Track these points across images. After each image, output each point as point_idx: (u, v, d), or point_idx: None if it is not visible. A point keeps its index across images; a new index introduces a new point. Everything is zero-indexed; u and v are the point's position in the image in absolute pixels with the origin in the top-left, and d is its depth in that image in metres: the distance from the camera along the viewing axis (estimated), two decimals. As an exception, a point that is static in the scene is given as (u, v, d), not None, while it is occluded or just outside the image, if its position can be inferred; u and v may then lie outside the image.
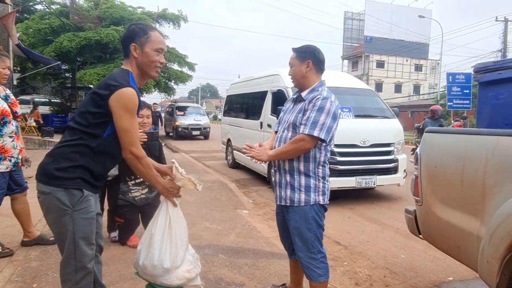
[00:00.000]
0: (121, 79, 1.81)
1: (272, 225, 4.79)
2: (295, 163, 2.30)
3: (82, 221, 1.81)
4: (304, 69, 2.34)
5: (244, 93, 8.80)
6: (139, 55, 1.89)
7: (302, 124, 2.22)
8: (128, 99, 1.78)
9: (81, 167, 1.81)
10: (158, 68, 1.95)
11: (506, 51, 26.94)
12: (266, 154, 2.30)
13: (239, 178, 8.09)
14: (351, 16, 47.84)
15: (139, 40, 1.88)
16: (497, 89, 2.38)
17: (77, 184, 1.80)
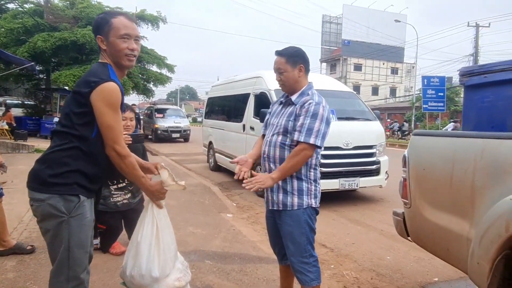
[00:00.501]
0: (101, 74, 1.73)
1: (257, 229, 4.75)
2: None
3: (78, 228, 1.74)
4: (297, 74, 2.29)
5: (226, 95, 8.74)
6: (107, 47, 1.79)
7: (297, 131, 2.17)
8: (109, 94, 1.70)
9: (76, 171, 1.73)
10: (129, 56, 1.82)
11: (478, 56, 27.91)
12: (270, 179, 2.17)
13: (221, 181, 8.02)
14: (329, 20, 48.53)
15: (103, 30, 1.78)
16: (483, 93, 2.43)
17: (73, 190, 1.72)
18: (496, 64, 2.35)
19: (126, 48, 1.79)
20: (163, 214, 2.03)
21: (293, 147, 2.25)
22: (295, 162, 2.17)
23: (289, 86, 2.33)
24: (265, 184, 2.15)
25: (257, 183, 2.14)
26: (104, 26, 1.80)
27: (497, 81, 2.32)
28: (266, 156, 2.36)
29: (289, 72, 2.29)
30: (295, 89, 2.33)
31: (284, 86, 2.35)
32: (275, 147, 2.30)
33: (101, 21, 1.81)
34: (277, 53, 2.36)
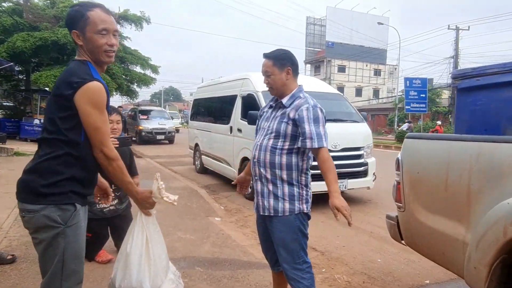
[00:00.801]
0: (83, 73, 1.63)
1: (246, 232, 4.69)
2: (277, 172, 2.22)
3: (73, 238, 1.66)
4: (284, 77, 2.26)
5: (212, 97, 8.65)
6: (84, 42, 1.68)
7: (308, 139, 2.12)
8: (94, 93, 1.61)
9: (70, 179, 1.64)
10: (109, 52, 1.71)
11: (458, 58, 28.52)
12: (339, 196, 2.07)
13: (208, 184, 7.92)
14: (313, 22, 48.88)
15: (78, 25, 1.67)
16: (476, 96, 2.43)
17: (68, 199, 1.64)
18: (488, 67, 2.35)
19: (105, 43, 1.70)
20: (152, 223, 1.94)
21: (284, 151, 2.20)
22: (333, 166, 2.13)
23: (277, 89, 2.29)
24: (344, 203, 2.05)
25: (346, 210, 2.04)
26: (79, 20, 1.68)
27: (490, 84, 2.32)
28: (256, 160, 2.30)
29: (277, 75, 2.26)
30: (283, 92, 2.29)
31: (272, 89, 2.32)
32: (266, 151, 2.25)
33: (76, 15, 1.69)
34: (265, 55, 2.32)
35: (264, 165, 2.25)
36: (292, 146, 2.20)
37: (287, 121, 2.20)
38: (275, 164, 2.21)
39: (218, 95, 8.25)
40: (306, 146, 2.14)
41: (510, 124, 2.25)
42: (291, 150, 2.20)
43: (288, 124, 2.20)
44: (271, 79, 2.28)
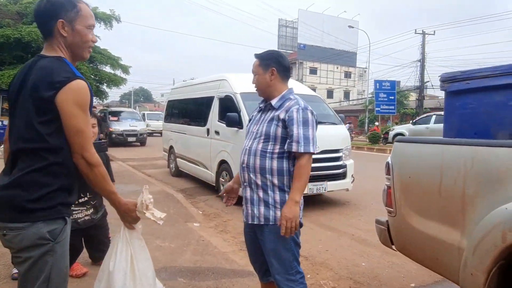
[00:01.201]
0: (63, 71, 1.49)
1: (226, 238, 4.56)
2: (268, 177, 2.11)
3: (61, 255, 1.52)
4: (268, 77, 2.18)
5: (188, 98, 8.44)
6: (69, 34, 1.55)
7: (294, 142, 2.03)
8: (79, 93, 1.48)
9: (59, 190, 1.49)
10: (91, 48, 1.66)
11: (425, 61, 29.49)
12: (293, 205, 1.99)
13: (184, 188, 7.71)
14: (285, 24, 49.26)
15: (67, 14, 1.53)
16: (465, 99, 2.42)
17: (58, 212, 1.49)
18: (478, 71, 2.35)
19: (91, 39, 1.62)
20: (137, 238, 1.79)
21: (275, 155, 2.10)
22: (307, 175, 2.05)
23: (261, 89, 2.24)
24: (296, 214, 1.99)
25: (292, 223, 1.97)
26: (69, 10, 1.54)
27: (480, 87, 2.32)
28: (245, 165, 2.19)
29: (261, 75, 2.20)
30: (269, 94, 2.22)
31: (257, 89, 2.27)
32: (255, 155, 2.14)
33: (66, 4, 1.55)
34: (254, 55, 2.28)
35: (254, 170, 2.14)
36: (283, 150, 2.10)
37: (277, 123, 2.11)
38: (266, 169, 2.11)
39: (194, 96, 8.05)
40: (291, 149, 2.05)
41: (501, 128, 2.25)
42: (282, 154, 2.11)
43: (278, 126, 2.10)
44: (256, 79, 2.24)
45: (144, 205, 1.69)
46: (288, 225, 1.97)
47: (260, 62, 2.20)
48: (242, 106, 5.94)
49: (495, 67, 2.27)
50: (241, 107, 5.94)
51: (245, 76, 7.24)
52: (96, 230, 3.14)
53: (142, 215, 1.71)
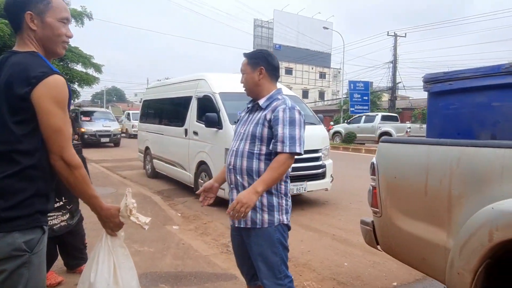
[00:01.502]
0: (39, 66, 1.39)
1: (207, 241, 4.48)
2: (256, 178, 2.04)
3: (39, 266, 1.40)
4: (256, 76, 2.13)
5: (165, 98, 8.26)
6: (39, 27, 1.45)
7: (279, 142, 1.97)
8: (57, 89, 1.39)
9: (36, 195, 1.38)
10: (65, 43, 1.54)
11: (397, 63, 30.25)
12: (253, 194, 1.89)
13: (161, 189, 7.54)
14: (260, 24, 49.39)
15: (36, 7, 1.44)
16: (448, 100, 2.45)
17: (35, 221, 1.37)
18: (461, 72, 2.38)
19: (64, 34, 1.50)
20: (120, 246, 1.68)
21: (262, 156, 2.05)
22: (280, 173, 1.97)
23: (249, 89, 2.19)
24: (251, 203, 1.88)
25: (242, 207, 1.85)
26: (40, 2, 1.45)
27: (462, 88, 2.35)
28: (232, 167, 2.13)
29: (249, 74, 2.15)
30: (257, 93, 2.17)
31: (245, 88, 2.21)
32: (242, 157, 2.08)
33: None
34: (243, 54, 2.22)
35: (241, 172, 2.08)
36: (270, 151, 2.05)
37: (263, 123, 2.06)
38: (253, 170, 2.05)
39: (171, 96, 7.89)
40: (276, 150, 1.99)
41: (483, 128, 2.29)
42: (269, 155, 2.06)
43: (265, 126, 2.05)
44: (244, 78, 2.19)
45: (128, 209, 1.60)
46: (237, 208, 1.86)
47: (248, 61, 2.15)
48: (221, 106, 5.86)
49: (477, 68, 2.30)
50: (221, 107, 5.85)
51: (224, 76, 7.17)
52: (72, 236, 3.00)
53: (126, 220, 1.62)
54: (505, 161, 1.82)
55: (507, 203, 1.77)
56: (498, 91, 2.19)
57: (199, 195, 2.32)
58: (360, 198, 6.80)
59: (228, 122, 5.65)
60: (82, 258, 3.14)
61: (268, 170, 1.97)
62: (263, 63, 2.13)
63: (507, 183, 1.81)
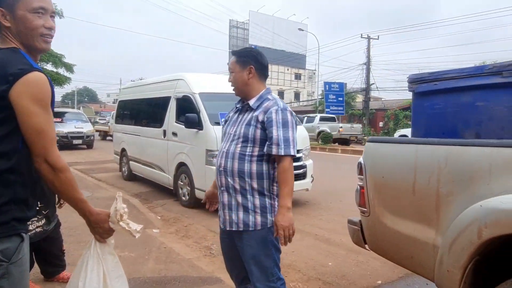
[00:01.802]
0: (18, 63, 1.30)
1: (189, 244, 4.39)
2: (247, 180, 2.02)
3: (19, 276, 1.31)
4: (246, 75, 2.10)
5: (142, 98, 8.07)
6: (12, 23, 1.36)
7: (274, 145, 1.95)
8: (37, 87, 1.30)
9: (11, 202, 1.29)
10: (46, 36, 1.42)
11: (370, 64, 30.91)
12: (287, 212, 1.94)
13: (139, 192, 7.36)
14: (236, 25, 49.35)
15: (5, 1, 1.35)
16: (433, 100, 2.49)
17: (12, 229, 1.28)
18: (445, 72, 2.43)
19: (41, 26, 1.38)
20: (109, 253, 1.61)
21: (254, 158, 2.02)
22: (292, 178, 1.99)
23: (238, 88, 2.15)
24: (291, 221, 1.94)
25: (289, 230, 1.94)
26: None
27: (447, 88, 2.39)
28: (222, 169, 2.08)
29: (237, 73, 2.11)
30: (247, 93, 2.13)
31: (234, 88, 2.17)
32: (233, 158, 2.04)
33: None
34: (232, 52, 2.22)
35: (232, 173, 2.03)
36: (262, 152, 2.02)
37: (255, 124, 2.02)
38: (244, 172, 2.01)
39: (148, 96, 7.72)
40: (271, 152, 1.98)
41: (468, 127, 2.34)
42: (261, 156, 2.03)
43: (257, 127, 2.02)
44: (232, 77, 2.14)
45: (118, 214, 1.53)
46: (286, 234, 1.91)
47: (237, 59, 2.10)
48: (201, 107, 5.77)
49: (461, 69, 2.35)
50: (201, 108, 5.77)
51: (203, 76, 7.08)
52: (49, 243, 2.86)
53: (115, 226, 1.54)
54: (493, 160, 1.86)
55: (495, 200, 1.80)
56: (482, 91, 2.25)
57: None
58: (340, 198, 6.88)
59: (209, 123, 5.58)
60: (60, 265, 3.00)
61: (282, 183, 1.97)
62: (253, 62, 2.09)
63: (495, 181, 1.84)
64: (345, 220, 5.54)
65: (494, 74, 2.17)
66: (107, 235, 1.57)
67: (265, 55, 2.25)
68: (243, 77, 2.09)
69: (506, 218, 1.74)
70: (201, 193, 5.69)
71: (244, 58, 2.11)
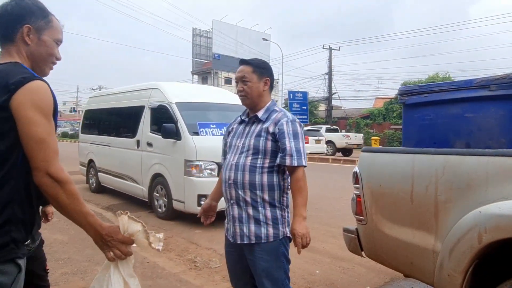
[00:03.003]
0: (19, 73, 1.26)
1: (171, 257, 4.28)
2: (258, 193, 2.01)
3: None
4: (262, 86, 2.10)
5: (111, 107, 7.81)
6: (33, 43, 1.38)
7: (287, 156, 1.97)
8: (39, 94, 1.25)
9: (10, 222, 1.20)
10: (53, 65, 1.49)
11: (332, 74, 31.87)
12: (303, 221, 1.97)
13: (110, 205, 7.07)
14: (199, 33, 49.14)
15: (37, 22, 1.37)
16: (423, 111, 2.62)
17: (10, 253, 1.19)
18: (435, 85, 2.56)
19: (56, 55, 1.46)
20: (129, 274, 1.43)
21: (265, 169, 2.02)
22: (306, 187, 2.01)
23: (252, 98, 2.10)
24: (307, 229, 1.97)
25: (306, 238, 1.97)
26: (40, 18, 1.38)
27: (437, 100, 2.52)
28: (232, 182, 2.05)
29: (255, 83, 2.09)
30: (257, 104, 2.13)
31: (247, 98, 2.11)
32: (244, 170, 2.02)
33: (37, 11, 1.38)
34: (244, 62, 2.13)
35: (243, 186, 2.02)
36: (273, 164, 2.03)
37: (266, 136, 2.03)
38: (256, 184, 2.01)
39: (119, 105, 7.48)
40: (285, 164, 2.00)
41: (458, 137, 2.47)
42: (272, 168, 2.03)
43: (268, 139, 2.03)
44: (247, 86, 2.08)
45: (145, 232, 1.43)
46: (304, 242, 1.94)
47: (254, 70, 2.08)
48: (179, 117, 5.68)
49: (450, 82, 2.49)
50: (178, 118, 5.67)
51: (178, 85, 7.01)
52: (32, 262, 2.62)
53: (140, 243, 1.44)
54: (489, 168, 1.98)
55: (494, 206, 1.92)
56: (471, 103, 2.40)
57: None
58: (315, 205, 6.99)
59: (187, 133, 5.50)
60: (44, 286, 2.80)
61: (296, 193, 1.99)
62: (269, 74, 2.12)
63: (491, 189, 1.96)
64: (324, 227, 5.66)
65: (482, 88, 2.32)
66: (124, 248, 1.40)
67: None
68: (259, 88, 2.09)
69: (505, 223, 1.86)
70: (179, 204, 5.57)
71: (262, 69, 2.10)
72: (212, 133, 5.73)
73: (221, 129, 5.75)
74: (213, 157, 5.27)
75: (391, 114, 29.08)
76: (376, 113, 30.77)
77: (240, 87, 2.11)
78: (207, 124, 5.78)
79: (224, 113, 6.15)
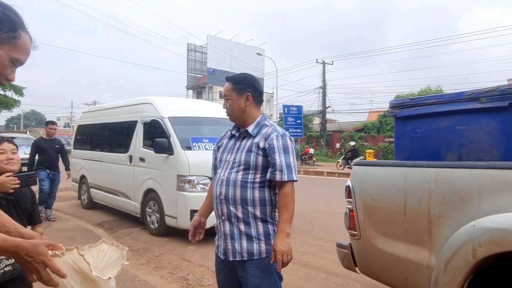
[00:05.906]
0: None
1: (163, 275, 4.19)
2: (250, 208, 1.97)
3: None
4: (243, 103, 2.07)
5: (104, 123, 7.76)
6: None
7: (278, 171, 1.93)
8: None
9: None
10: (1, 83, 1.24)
11: (326, 88, 32.10)
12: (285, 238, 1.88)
13: (102, 221, 6.95)
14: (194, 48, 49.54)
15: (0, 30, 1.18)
16: (415, 124, 2.61)
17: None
18: (426, 98, 2.56)
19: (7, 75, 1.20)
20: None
21: (256, 184, 1.99)
22: (293, 203, 1.95)
23: (234, 115, 2.11)
24: (290, 246, 1.89)
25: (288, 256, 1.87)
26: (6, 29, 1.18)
27: (428, 113, 2.51)
28: (223, 197, 2.01)
29: (235, 100, 2.07)
30: (244, 120, 2.10)
31: (230, 114, 2.13)
32: (235, 186, 1.99)
33: (6, 20, 1.18)
34: (226, 78, 2.14)
35: (234, 202, 1.98)
36: (264, 179, 1.99)
37: (256, 151, 2.00)
38: (247, 200, 1.97)
39: (112, 121, 7.44)
40: (275, 179, 1.96)
41: (450, 150, 2.46)
42: (263, 183, 2.00)
43: (258, 154, 2.00)
44: (229, 104, 2.09)
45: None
46: (284, 260, 1.85)
47: (234, 86, 2.07)
48: (171, 131, 5.64)
49: (441, 95, 2.49)
50: (171, 132, 5.64)
51: (171, 100, 6.99)
52: (18, 283, 2.58)
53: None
54: (482, 181, 1.96)
55: (487, 220, 1.89)
56: (462, 116, 2.39)
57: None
58: (310, 220, 6.93)
59: (180, 148, 5.46)
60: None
61: (282, 208, 1.94)
62: (250, 89, 2.08)
63: (485, 202, 1.94)
64: (319, 242, 5.59)
65: (472, 100, 2.31)
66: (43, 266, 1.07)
67: (260, 81, 2.25)
68: (240, 104, 2.06)
69: (499, 236, 1.83)
70: (171, 220, 5.49)
71: (241, 85, 2.08)
72: (205, 148, 5.69)
73: (214, 144, 5.71)
74: (206, 171, 5.22)
75: (385, 127, 29.22)
76: (370, 126, 30.92)
77: (223, 105, 2.13)
78: (200, 139, 5.75)
79: (217, 128, 6.12)
